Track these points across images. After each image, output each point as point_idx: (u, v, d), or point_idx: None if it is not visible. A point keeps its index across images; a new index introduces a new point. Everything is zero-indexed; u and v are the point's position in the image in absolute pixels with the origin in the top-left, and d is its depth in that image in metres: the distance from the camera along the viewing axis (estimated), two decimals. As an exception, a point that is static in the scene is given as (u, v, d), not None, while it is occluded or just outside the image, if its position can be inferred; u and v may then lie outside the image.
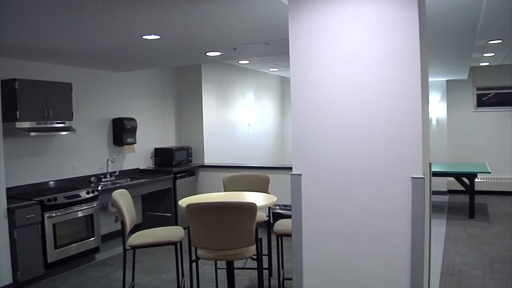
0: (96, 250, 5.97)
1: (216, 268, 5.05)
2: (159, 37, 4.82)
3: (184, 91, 8.54)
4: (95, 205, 5.92)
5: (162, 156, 7.89)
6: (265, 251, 5.26)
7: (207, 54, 6.16)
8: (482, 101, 10.97)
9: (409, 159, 2.76)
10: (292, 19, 2.97)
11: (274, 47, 5.74)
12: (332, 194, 2.94)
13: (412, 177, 2.75)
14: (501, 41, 6.80)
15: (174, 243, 4.11)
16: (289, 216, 3.09)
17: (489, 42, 6.85)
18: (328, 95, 2.90)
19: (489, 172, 8.22)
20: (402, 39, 2.73)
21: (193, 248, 3.88)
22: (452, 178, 8.63)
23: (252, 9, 3.88)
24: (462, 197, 9.59)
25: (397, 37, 2.74)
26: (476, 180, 8.40)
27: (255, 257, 3.94)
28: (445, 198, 10.08)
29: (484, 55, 8.36)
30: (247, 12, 3.96)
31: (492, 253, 6.01)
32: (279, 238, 4.56)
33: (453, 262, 5.64)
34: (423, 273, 2.82)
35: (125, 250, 4.15)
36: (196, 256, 3.83)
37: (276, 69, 9.94)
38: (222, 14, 4.00)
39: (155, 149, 7.99)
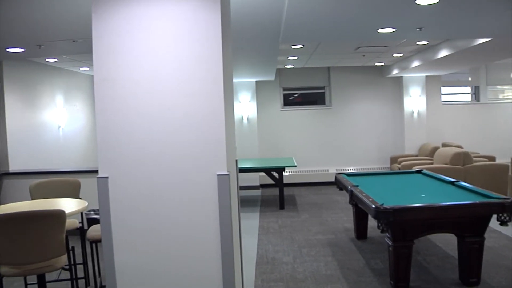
0: None
1: (26, 284, 4.65)
2: None
3: (-18, 91, 7.71)
4: None
5: (-43, 164, 7.05)
6: (80, 259, 5.02)
7: (8, 50, 5.68)
8: (289, 100, 11.86)
9: (214, 156, 2.86)
10: (95, 16, 2.87)
11: (82, 45, 5.51)
12: (141, 195, 2.91)
13: (218, 174, 2.85)
14: (302, 46, 7.42)
15: (-30, 262, 3.70)
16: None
17: (292, 46, 7.43)
18: (133, 95, 2.87)
19: (296, 166, 8.92)
20: (205, 40, 2.82)
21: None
22: (263, 173, 9.16)
23: (56, 4, 3.67)
24: (273, 190, 10.23)
25: (200, 38, 2.82)
26: (285, 173, 9.01)
27: (67, 267, 3.75)
28: (258, 192, 10.67)
29: (289, 58, 9.04)
30: (50, 6, 3.74)
31: (301, 239, 6.53)
32: (93, 245, 4.39)
33: (266, 252, 5.99)
34: (234, 265, 2.95)
35: None
36: (0, 274, 3.50)
37: (87, 68, 9.53)
38: (22, 7, 3.72)
39: (-52, 157, 7.10)
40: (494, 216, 4.46)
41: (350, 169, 11.15)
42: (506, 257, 5.37)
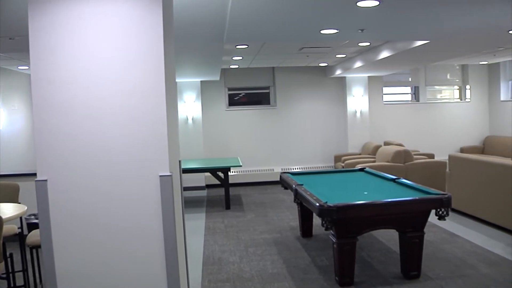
0: None
1: (-43, 294, 4.45)
2: None
3: None
4: None
5: None
6: (20, 266, 4.83)
7: None
8: (234, 100, 11.86)
9: (156, 157, 2.82)
10: (32, 12, 2.76)
11: (20, 43, 5.31)
12: (82, 198, 2.83)
13: (160, 175, 2.82)
14: (246, 46, 7.43)
15: None
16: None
17: (237, 46, 7.43)
18: (72, 95, 2.78)
19: (241, 166, 8.93)
20: (146, 38, 2.77)
21: None
22: (208, 173, 9.11)
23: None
24: (219, 190, 10.22)
25: (141, 36, 2.77)
26: (230, 173, 9.00)
27: (4, 275, 3.60)
28: (204, 193, 10.60)
29: (234, 58, 9.03)
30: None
31: (247, 238, 6.54)
32: (34, 250, 4.24)
33: (213, 252, 5.97)
34: (178, 265, 2.93)
35: None
36: None
37: (26, 67, 9.20)
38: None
39: None
40: (433, 211, 4.63)
41: (295, 168, 11.26)
42: (445, 250, 5.58)
